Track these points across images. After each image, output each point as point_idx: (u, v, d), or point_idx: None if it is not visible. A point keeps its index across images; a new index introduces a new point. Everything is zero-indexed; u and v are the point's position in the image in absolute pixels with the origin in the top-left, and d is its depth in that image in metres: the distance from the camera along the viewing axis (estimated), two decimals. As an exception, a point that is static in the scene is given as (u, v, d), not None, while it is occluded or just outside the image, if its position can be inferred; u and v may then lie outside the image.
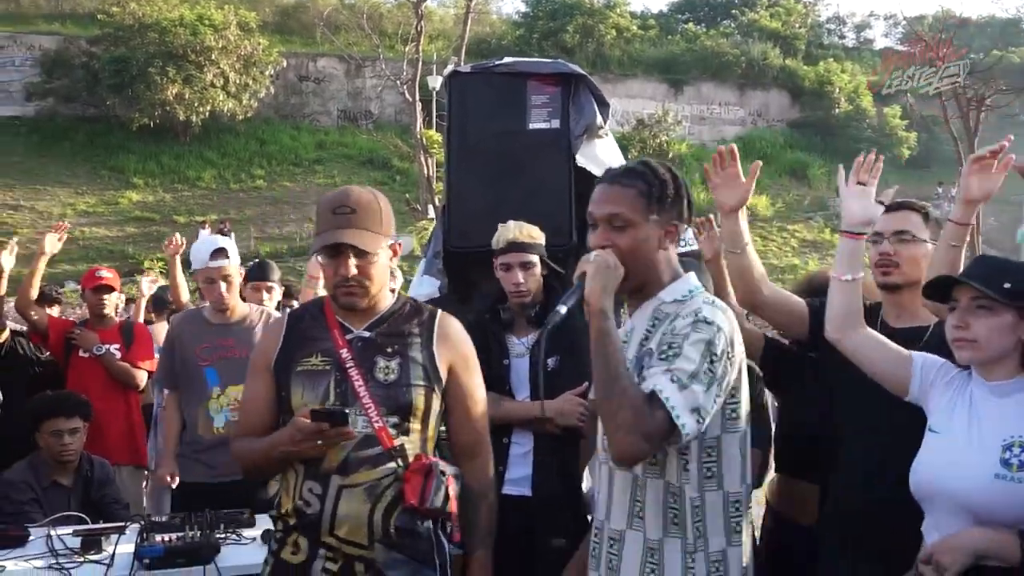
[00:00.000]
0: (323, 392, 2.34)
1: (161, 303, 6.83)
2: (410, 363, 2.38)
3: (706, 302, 2.08)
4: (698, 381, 1.93)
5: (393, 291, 2.57)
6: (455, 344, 2.47)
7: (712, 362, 1.96)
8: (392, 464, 2.30)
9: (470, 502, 2.43)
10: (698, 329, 1.99)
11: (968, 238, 2.56)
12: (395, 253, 2.47)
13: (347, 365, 2.35)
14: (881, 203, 2.49)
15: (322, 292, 5.03)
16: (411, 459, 2.32)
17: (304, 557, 2.33)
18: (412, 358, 2.39)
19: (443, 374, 2.42)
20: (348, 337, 2.40)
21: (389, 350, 2.39)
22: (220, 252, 4.09)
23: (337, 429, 2.21)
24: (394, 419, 2.33)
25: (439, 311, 2.54)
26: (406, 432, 2.34)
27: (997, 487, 2.05)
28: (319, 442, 2.23)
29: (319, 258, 2.42)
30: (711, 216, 2.80)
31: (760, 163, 2.83)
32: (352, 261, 2.32)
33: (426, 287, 4.00)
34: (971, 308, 2.16)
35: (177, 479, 4.11)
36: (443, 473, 2.32)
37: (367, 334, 2.41)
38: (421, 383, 2.37)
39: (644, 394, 1.92)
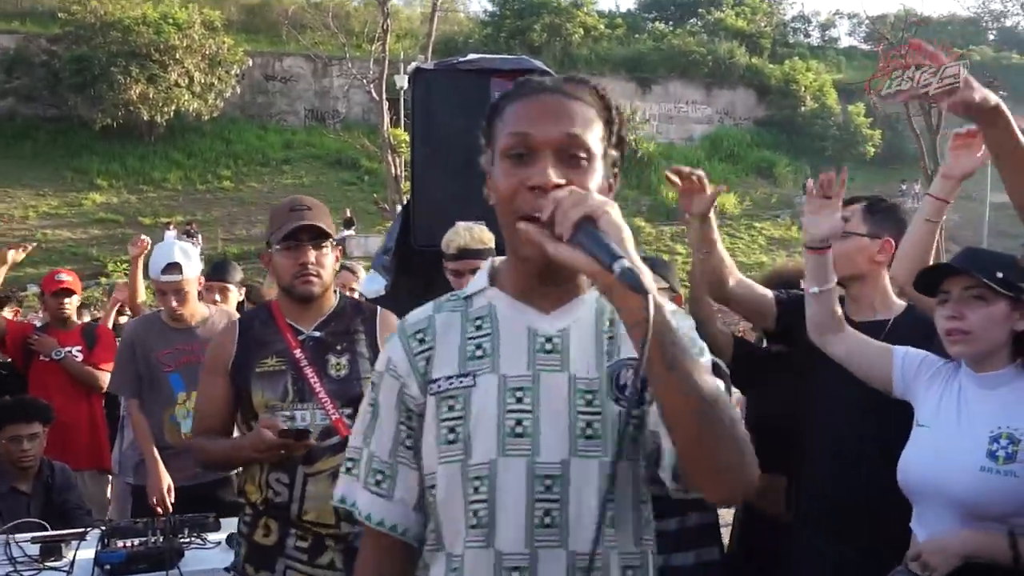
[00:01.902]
0: (282, 390, 2.55)
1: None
2: (359, 358, 2.61)
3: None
4: None
5: (353, 290, 2.71)
6: None
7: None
8: None
9: None
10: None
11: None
12: (337, 259, 2.73)
13: (302, 364, 2.56)
14: (845, 219, 2.50)
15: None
16: None
17: (276, 538, 2.54)
18: (360, 353, 2.62)
19: None
20: (300, 338, 2.61)
21: (339, 347, 2.61)
22: (173, 267, 3.98)
23: (301, 442, 2.44)
24: (348, 410, 2.52)
25: (379, 308, 2.77)
26: None
27: (983, 479, 2.03)
28: (282, 452, 2.45)
29: (277, 252, 2.61)
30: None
31: (721, 188, 2.79)
32: (311, 251, 2.56)
33: (375, 283, 4.00)
34: (965, 299, 2.12)
35: (172, 491, 3.98)
36: None
37: (317, 334, 2.63)
38: (370, 376, 2.44)
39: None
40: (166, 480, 3.92)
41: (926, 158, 28.19)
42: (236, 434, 2.71)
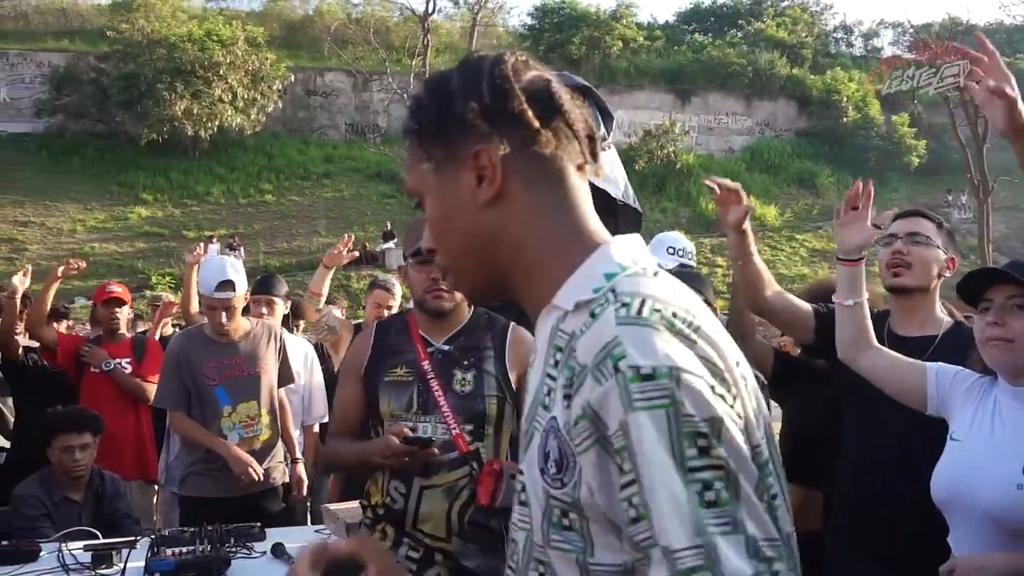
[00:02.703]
0: (407, 401, 2.58)
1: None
2: (484, 375, 2.61)
3: (626, 318, 0.98)
4: (706, 524, 0.91)
5: (391, 308, 2.71)
6: (524, 356, 2.61)
7: (704, 454, 0.93)
8: (467, 467, 2.52)
9: None
10: (636, 406, 0.93)
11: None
12: None
13: (428, 377, 2.58)
14: (877, 227, 2.49)
15: (328, 310, 5.03)
16: (484, 463, 2.51)
17: (391, 543, 2.56)
18: (486, 371, 2.62)
19: (515, 384, 2.62)
20: (429, 350, 2.63)
21: (465, 363, 2.61)
22: (227, 284, 4.03)
23: (424, 451, 2.44)
24: (469, 426, 2.55)
25: (511, 323, 2.74)
26: (480, 438, 2.56)
27: (1020, 497, 2.00)
28: (407, 459, 2.46)
29: (411, 266, 2.63)
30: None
31: (752, 207, 2.81)
32: None
33: None
34: (1008, 307, 2.09)
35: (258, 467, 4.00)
36: (513, 476, 2.46)
37: (446, 348, 2.64)
38: (494, 394, 2.60)
39: None
40: (243, 453, 3.95)
41: (972, 168, 27.74)
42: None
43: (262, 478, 3.98)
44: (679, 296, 1.05)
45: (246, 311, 4.47)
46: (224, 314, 4.05)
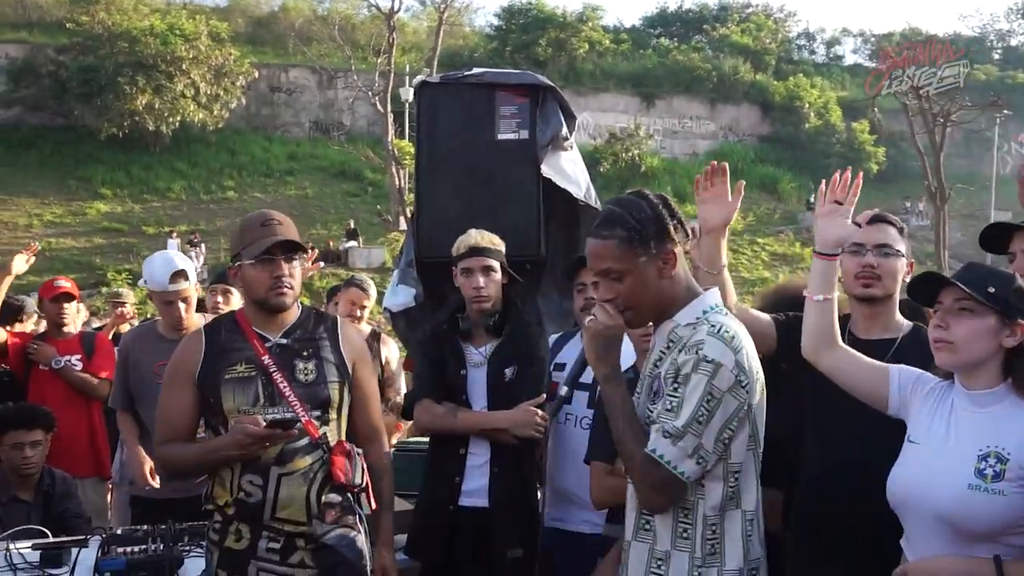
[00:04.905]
0: (253, 395, 2.63)
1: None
2: (324, 363, 2.72)
3: (712, 332, 2.09)
4: (692, 430, 2.05)
5: (364, 307, 2.82)
6: (356, 346, 2.87)
7: (710, 403, 2.05)
8: (319, 451, 2.64)
9: (375, 478, 2.80)
10: (699, 371, 2.05)
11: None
12: (305, 271, 2.93)
13: (271, 369, 2.65)
14: (857, 225, 2.49)
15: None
16: (333, 444, 2.66)
17: (248, 542, 2.63)
18: (325, 358, 2.73)
19: (351, 371, 2.78)
20: (267, 345, 2.70)
21: (305, 353, 2.72)
22: (179, 275, 3.98)
23: (286, 432, 2.54)
24: (316, 412, 2.67)
25: (338, 317, 2.92)
26: (327, 422, 2.69)
27: (970, 497, 2.03)
28: (266, 445, 2.54)
29: (250, 266, 2.67)
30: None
31: (743, 182, 2.80)
32: (284, 265, 2.66)
33: (401, 296, 3.99)
34: (953, 310, 2.13)
35: (154, 468, 4.00)
36: (358, 454, 2.69)
37: (284, 340, 2.72)
38: (335, 379, 2.73)
39: (645, 454, 2.09)
40: (147, 463, 3.99)
41: (930, 176, 28.21)
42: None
43: (155, 487, 3.96)
44: (737, 326, 2.16)
45: (201, 307, 4.41)
46: (182, 306, 4.00)
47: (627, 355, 2.96)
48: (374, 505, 2.74)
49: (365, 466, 2.70)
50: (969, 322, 2.11)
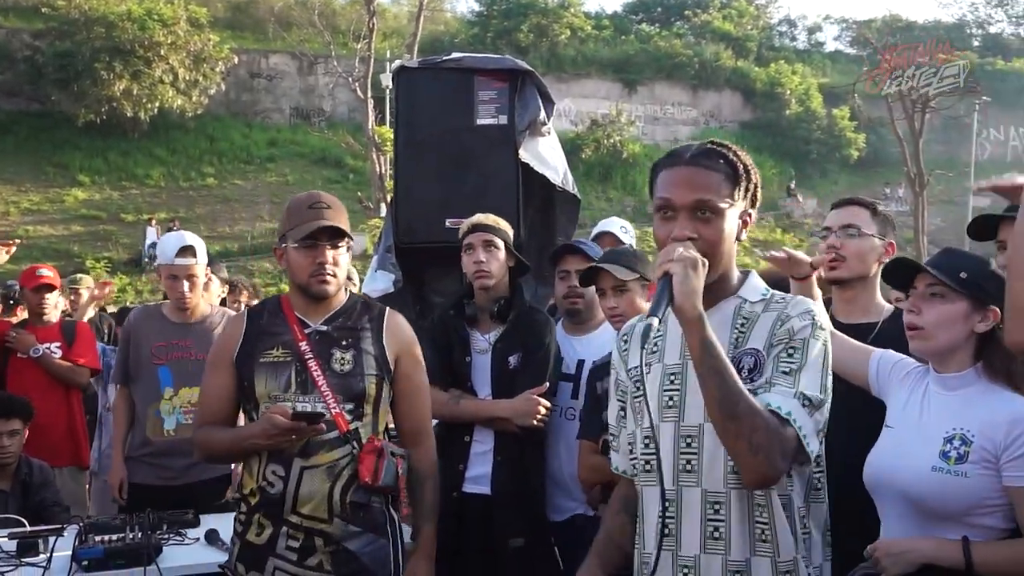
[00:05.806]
0: (285, 381, 2.54)
1: None
2: (363, 355, 2.59)
3: (806, 303, 1.94)
4: (823, 403, 1.84)
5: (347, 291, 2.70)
6: (402, 338, 2.70)
7: (828, 374, 1.87)
8: (348, 446, 2.52)
9: (416, 482, 2.66)
10: (816, 335, 1.86)
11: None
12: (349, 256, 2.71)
13: (306, 357, 2.55)
14: (853, 225, 2.57)
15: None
16: (364, 441, 2.53)
17: (268, 536, 2.52)
18: (365, 350, 2.60)
19: (392, 365, 2.63)
20: (306, 331, 2.60)
21: (344, 343, 2.60)
22: (187, 250, 4.01)
23: (312, 427, 2.43)
24: (349, 405, 2.54)
25: (387, 308, 2.75)
26: (360, 417, 2.56)
27: (934, 479, 2.07)
28: (293, 437, 2.44)
29: (295, 249, 2.55)
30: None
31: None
32: (328, 251, 2.54)
33: (380, 282, 3.98)
34: (925, 295, 2.17)
35: (126, 486, 4.02)
36: (393, 454, 2.55)
37: (324, 328, 2.61)
38: (373, 373, 2.59)
39: (770, 413, 1.77)
40: (120, 474, 4.03)
41: (909, 162, 28.39)
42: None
43: (122, 502, 3.98)
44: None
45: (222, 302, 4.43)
46: (186, 283, 4.00)
47: (604, 346, 2.96)
48: (404, 510, 2.61)
49: (403, 469, 2.56)
50: (940, 307, 2.15)
